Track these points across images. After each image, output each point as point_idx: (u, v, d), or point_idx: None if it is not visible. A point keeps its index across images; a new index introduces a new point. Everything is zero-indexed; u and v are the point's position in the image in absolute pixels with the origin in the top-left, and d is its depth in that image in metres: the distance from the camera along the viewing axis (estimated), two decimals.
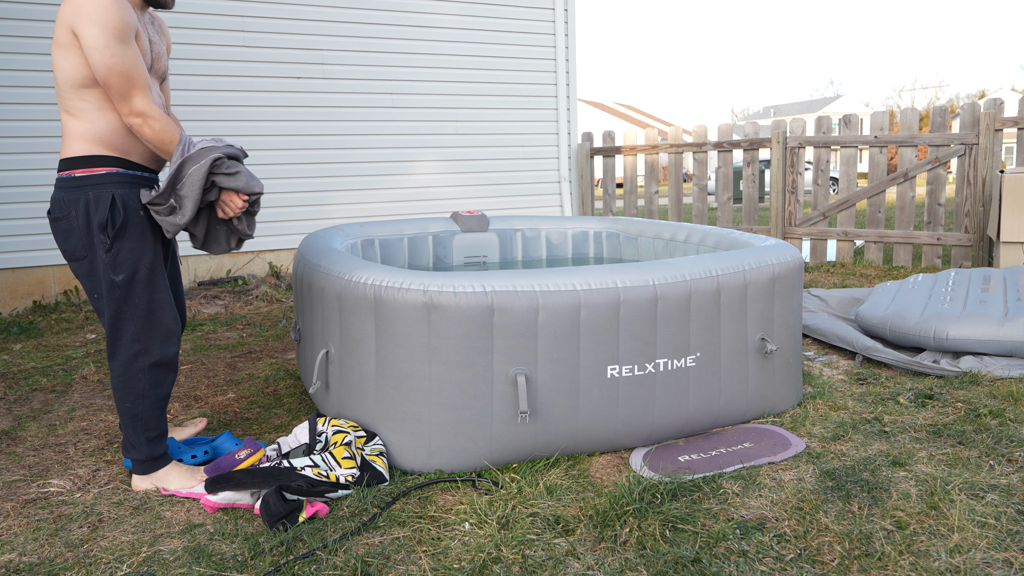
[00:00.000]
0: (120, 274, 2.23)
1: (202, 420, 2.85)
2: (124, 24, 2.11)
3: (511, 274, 2.36)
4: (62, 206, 2.21)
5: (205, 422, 2.85)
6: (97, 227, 2.19)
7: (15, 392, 3.40)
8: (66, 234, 2.23)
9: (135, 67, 2.13)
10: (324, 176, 6.34)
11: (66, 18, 2.09)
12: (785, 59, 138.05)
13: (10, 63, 5.11)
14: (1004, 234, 5.15)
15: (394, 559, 1.90)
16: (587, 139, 8.04)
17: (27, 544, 2.02)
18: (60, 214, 2.21)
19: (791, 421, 2.76)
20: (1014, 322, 3.25)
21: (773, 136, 6.70)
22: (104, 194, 2.18)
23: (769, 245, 2.87)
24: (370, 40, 6.39)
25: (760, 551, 1.87)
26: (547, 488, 2.23)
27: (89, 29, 2.06)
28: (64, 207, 2.20)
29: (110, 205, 2.18)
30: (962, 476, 2.24)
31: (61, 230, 2.23)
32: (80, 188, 2.19)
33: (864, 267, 6.30)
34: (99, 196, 2.18)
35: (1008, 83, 59.11)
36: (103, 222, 2.18)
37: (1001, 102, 5.89)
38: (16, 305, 5.21)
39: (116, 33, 2.09)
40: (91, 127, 2.19)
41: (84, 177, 2.19)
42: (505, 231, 4.07)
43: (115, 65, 2.09)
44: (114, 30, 2.09)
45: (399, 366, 2.34)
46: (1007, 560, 1.81)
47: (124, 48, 2.11)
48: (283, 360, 3.88)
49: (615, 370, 2.41)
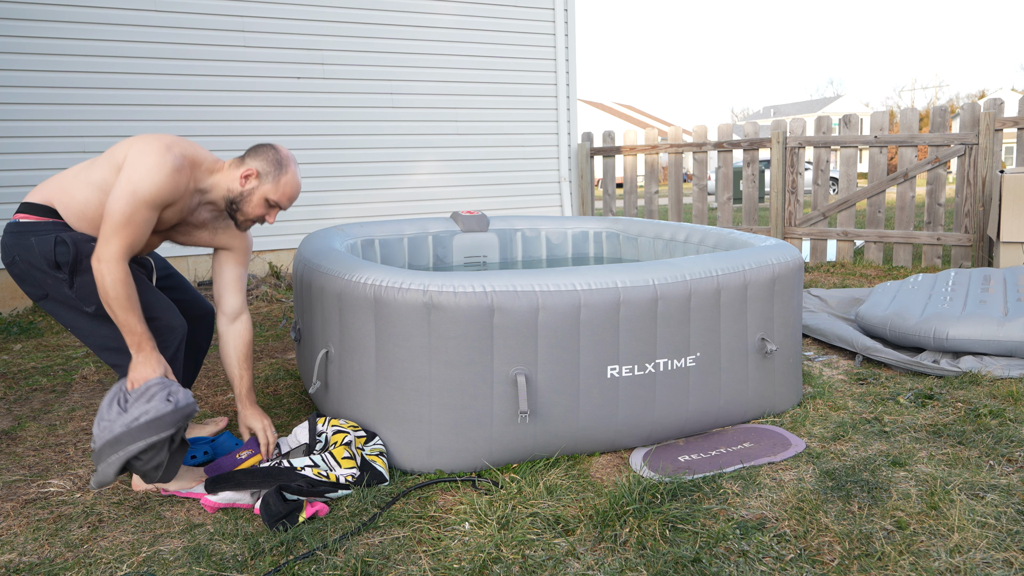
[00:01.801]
0: (91, 305, 2.21)
1: (222, 419, 2.86)
2: (158, 192, 2.13)
3: (511, 274, 2.36)
4: (7, 251, 2.21)
5: (226, 421, 2.86)
6: (49, 266, 2.17)
7: (15, 392, 3.40)
8: (21, 278, 2.24)
9: (136, 225, 2.12)
10: (324, 176, 6.34)
11: (127, 151, 2.15)
12: (785, 59, 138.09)
13: (10, 63, 5.11)
14: (1004, 234, 5.15)
15: (394, 559, 1.90)
16: (587, 139, 8.04)
17: (27, 544, 2.02)
18: (7, 260, 2.22)
19: (791, 421, 2.76)
20: (1014, 322, 3.25)
21: (773, 136, 6.70)
22: (47, 237, 2.17)
23: (769, 245, 2.87)
24: (370, 40, 6.39)
25: (760, 551, 1.87)
26: (547, 488, 2.23)
27: (128, 174, 2.11)
28: (9, 252, 2.20)
29: (55, 244, 2.16)
30: (962, 476, 2.24)
31: (16, 275, 2.24)
32: (22, 233, 2.18)
33: (864, 267, 6.30)
34: (42, 240, 2.17)
35: (1008, 83, 59.12)
36: (52, 262, 2.17)
37: (1001, 102, 5.89)
38: (16, 305, 5.21)
39: (148, 192, 2.11)
40: (72, 203, 2.20)
41: (28, 223, 2.19)
42: (505, 231, 4.07)
43: (119, 212, 2.09)
44: (147, 188, 2.11)
45: (399, 366, 2.34)
46: (1007, 560, 1.81)
47: (143, 209, 2.12)
48: (283, 360, 3.88)
49: (615, 370, 2.41)
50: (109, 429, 2.01)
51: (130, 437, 2.00)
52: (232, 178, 2.31)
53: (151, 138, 2.19)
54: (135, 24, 5.46)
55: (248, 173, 2.30)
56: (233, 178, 2.31)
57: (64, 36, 5.25)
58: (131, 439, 2.00)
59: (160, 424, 2.02)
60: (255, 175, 2.31)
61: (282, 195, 2.35)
